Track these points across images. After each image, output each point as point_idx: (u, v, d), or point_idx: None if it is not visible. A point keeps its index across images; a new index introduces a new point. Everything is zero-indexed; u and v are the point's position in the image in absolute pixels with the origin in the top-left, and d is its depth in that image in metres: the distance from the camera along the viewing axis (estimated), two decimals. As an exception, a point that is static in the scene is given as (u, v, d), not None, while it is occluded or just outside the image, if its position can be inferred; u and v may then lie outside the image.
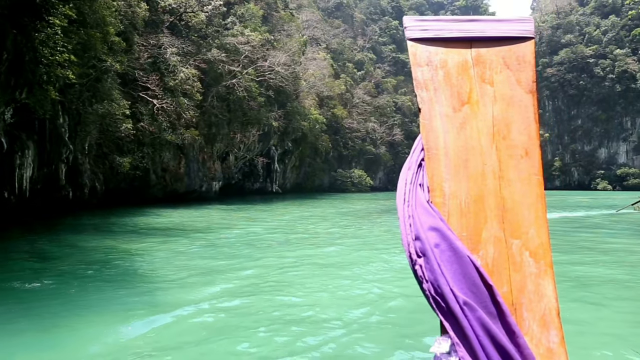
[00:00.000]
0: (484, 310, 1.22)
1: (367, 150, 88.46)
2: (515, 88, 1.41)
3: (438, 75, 1.42)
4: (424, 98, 1.41)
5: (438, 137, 1.38)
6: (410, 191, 1.38)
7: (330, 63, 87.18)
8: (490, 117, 1.39)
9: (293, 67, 50.26)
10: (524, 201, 1.34)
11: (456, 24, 1.46)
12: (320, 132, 70.25)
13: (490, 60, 1.43)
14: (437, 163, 1.37)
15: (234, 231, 17.15)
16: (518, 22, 1.46)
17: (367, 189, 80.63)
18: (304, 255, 11.27)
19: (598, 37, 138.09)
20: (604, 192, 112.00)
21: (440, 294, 1.24)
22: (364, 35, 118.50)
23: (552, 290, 1.29)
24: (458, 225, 1.33)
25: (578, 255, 12.61)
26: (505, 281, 1.29)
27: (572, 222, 23.97)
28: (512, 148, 1.37)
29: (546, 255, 1.32)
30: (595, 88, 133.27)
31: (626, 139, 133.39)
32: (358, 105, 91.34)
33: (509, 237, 1.32)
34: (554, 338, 1.25)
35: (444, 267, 1.25)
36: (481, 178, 1.36)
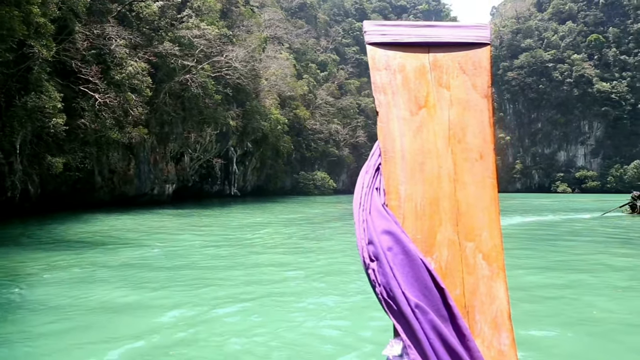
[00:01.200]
0: (436, 313, 1.23)
1: (330, 152, 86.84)
2: (471, 92, 1.43)
3: (396, 79, 1.43)
4: (382, 101, 1.42)
5: (395, 140, 1.39)
6: (367, 195, 1.39)
7: (293, 63, 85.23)
8: (447, 120, 1.41)
9: (253, 64, 47.99)
10: (478, 204, 1.36)
11: (415, 29, 1.46)
12: (282, 133, 68.08)
13: (447, 65, 1.45)
14: (393, 166, 1.38)
15: (169, 243, 14.62)
16: (475, 28, 1.48)
17: (330, 191, 79.02)
18: (243, 282, 8.85)
19: (556, 42, 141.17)
20: (564, 194, 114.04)
21: (393, 297, 1.24)
22: (327, 36, 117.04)
23: (504, 292, 1.31)
24: (413, 228, 1.34)
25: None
26: (458, 284, 1.31)
27: (560, 227, 22.73)
28: (467, 151, 1.39)
29: (499, 258, 1.34)
30: (554, 92, 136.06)
31: (584, 142, 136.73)
32: (321, 106, 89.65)
33: (462, 239, 1.34)
34: (505, 340, 1.27)
35: (397, 270, 1.25)
36: (437, 181, 1.37)
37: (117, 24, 33.06)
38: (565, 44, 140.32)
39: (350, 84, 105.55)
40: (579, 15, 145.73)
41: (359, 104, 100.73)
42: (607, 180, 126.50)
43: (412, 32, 1.46)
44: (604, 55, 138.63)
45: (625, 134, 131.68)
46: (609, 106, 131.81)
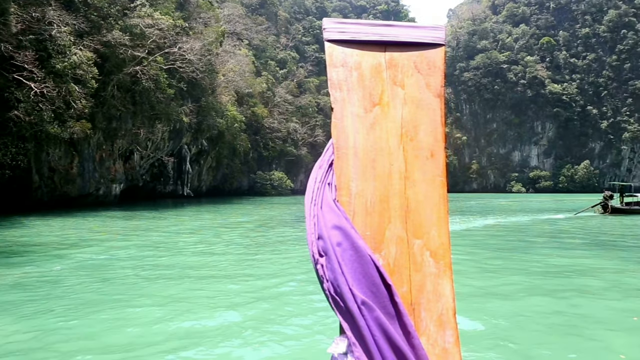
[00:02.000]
0: (383, 310, 1.23)
1: (288, 151, 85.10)
2: (424, 92, 1.46)
3: (352, 77, 1.46)
4: (337, 98, 1.44)
5: (348, 136, 1.42)
6: (319, 190, 1.41)
7: (252, 60, 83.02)
8: (400, 118, 1.43)
9: (209, 58, 45.66)
10: (428, 202, 1.39)
11: (372, 28, 1.49)
12: (239, 131, 65.92)
13: (402, 64, 1.48)
14: (345, 162, 1.40)
15: (86, 255, 12.00)
16: (430, 29, 1.51)
17: (287, 192, 77.29)
18: (152, 321, 6.28)
19: (510, 44, 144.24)
20: (520, 194, 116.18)
21: (339, 293, 1.25)
22: (287, 33, 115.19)
23: (450, 290, 1.33)
24: (362, 225, 1.35)
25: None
26: (405, 281, 1.32)
27: (539, 227, 21.80)
28: (419, 149, 1.42)
29: (446, 256, 1.36)
30: (508, 93, 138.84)
31: (537, 142, 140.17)
32: (279, 104, 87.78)
33: (411, 237, 1.36)
34: (450, 338, 1.29)
35: (345, 266, 1.26)
36: (387, 178, 1.39)
37: (60, 8, 30.24)
38: (519, 46, 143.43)
39: (310, 83, 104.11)
40: (531, 19, 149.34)
41: (318, 102, 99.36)
42: (559, 180, 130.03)
43: (370, 30, 1.48)
44: (555, 57, 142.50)
45: (575, 134, 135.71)
46: (560, 107, 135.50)
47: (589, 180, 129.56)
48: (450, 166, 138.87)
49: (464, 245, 15.23)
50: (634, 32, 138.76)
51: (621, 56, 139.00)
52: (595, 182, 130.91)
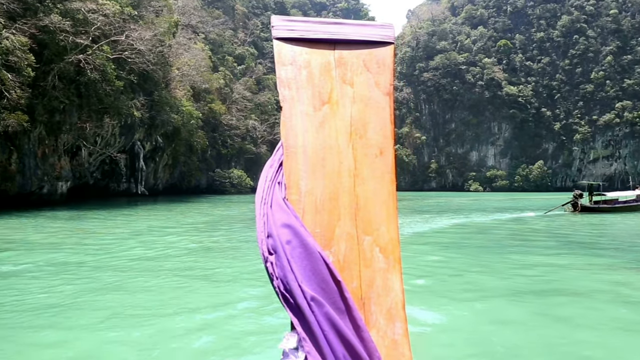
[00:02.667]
0: (332, 306, 1.25)
1: (247, 149, 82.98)
2: (373, 90, 1.46)
3: (301, 75, 1.46)
4: (286, 96, 1.45)
5: (297, 135, 1.42)
6: (269, 188, 1.41)
7: (209, 55, 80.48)
8: (349, 117, 1.44)
9: (161, 49, 43.31)
10: (377, 199, 1.40)
11: (322, 26, 1.50)
12: (196, 128, 63.61)
13: (351, 62, 1.48)
14: (295, 161, 1.40)
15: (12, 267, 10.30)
16: (380, 27, 1.52)
17: (247, 190, 75.25)
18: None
19: (469, 46, 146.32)
20: (477, 193, 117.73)
21: (289, 290, 1.26)
22: (245, 28, 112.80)
23: (399, 284, 1.35)
24: (312, 223, 1.36)
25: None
26: (355, 276, 1.33)
27: (517, 226, 20.95)
28: (368, 147, 1.42)
29: (395, 251, 1.37)
30: (467, 93, 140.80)
31: (494, 142, 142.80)
32: (238, 101, 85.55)
33: (361, 233, 1.37)
34: (399, 330, 1.31)
35: (294, 263, 1.27)
36: (337, 176, 1.40)
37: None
38: (477, 47, 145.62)
39: (269, 79, 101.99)
40: (489, 21, 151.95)
41: (277, 100, 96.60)
42: (515, 179, 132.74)
43: (319, 28, 1.49)
44: (511, 60, 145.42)
45: (530, 135, 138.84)
46: (516, 109, 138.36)
47: (542, 179, 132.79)
48: (410, 165, 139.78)
49: (439, 246, 14.11)
50: (585, 38, 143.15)
51: (573, 60, 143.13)
52: (549, 182, 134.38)
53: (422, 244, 14.91)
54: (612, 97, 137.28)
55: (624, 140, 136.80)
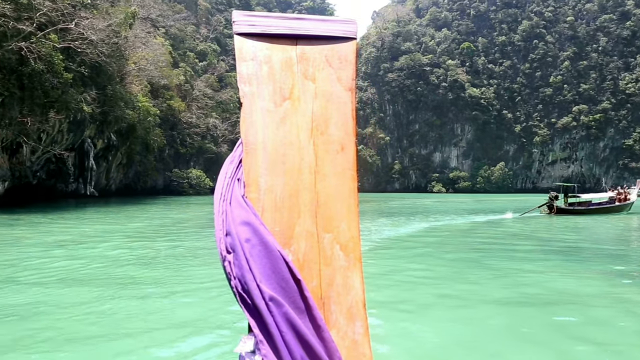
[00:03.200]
0: (292, 306, 1.23)
1: (208, 148, 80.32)
2: (335, 85, 1.46)
3: (262, 71, 1.45)
4: (247, 92, 1.44)
5: (257, 131, 1.40)
6: (228, 185, 1.39)
7: (169, 50, 77.51)
8: (310, 112, 1.43)
9: (116, 41, 40.54)
10: (338, 196, 1.39)
11: (283, 21, 1.49)
12: (153, 126, 60.73)
13: (313, 57, 1.47)
14: (254, 158, 1.39)
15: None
16: (342, 23, 1.52)
17: (206, 191, 72.71)
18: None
19: (433, 48, 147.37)
20: (440, 194, 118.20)
21: (247, 290, 1.24)
22: (208, 24, 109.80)
23: (359, 282, 1.34)
24: (272, 220, 1.34)
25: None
26: (315, 275, 1.32)
27: (500, 229, 19.64)
28: (329, 143, 1.42)
29: (356, 249, 1.36)
30: (430, 95, 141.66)
31: (457, 144, 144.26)
32: (198, 98, 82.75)
33: (321, 231, 1.36)
34: (359, 329, 1.30)
35: (253, 262, 1.25)
36: (297, 173, 1.39)
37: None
38: (441, 49, 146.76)
39: (231, 77, 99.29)
40: (453, 24, 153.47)
41: (239, 97, 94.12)
42: (477, 180, 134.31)
43: (281, 24, 1.48)
44: (474, 62, 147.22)
45: (492, 137, 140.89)
46: (478, 111, 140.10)
47: (504, 181, 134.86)
48: (373, 166, 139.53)
49: (416, 252, 12.59)
50: (544, 43, 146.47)
51: (533, 64, 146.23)
52: (510, 183, 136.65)
53: (398, 249, 13.41)
54: (570, 101, 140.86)
55: (580, 143, 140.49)
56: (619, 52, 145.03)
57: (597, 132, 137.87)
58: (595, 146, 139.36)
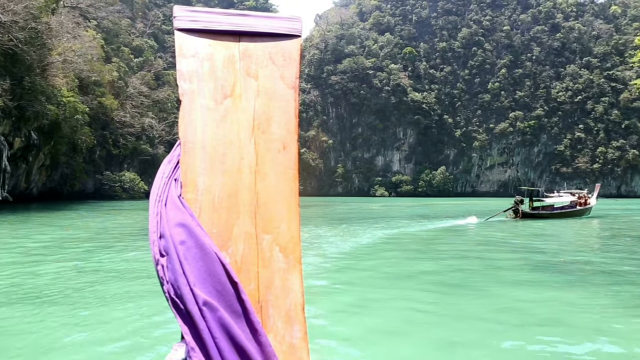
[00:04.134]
0: (228, 310, 1.19)
1: (143, 150, 75.59)
2: (278, 83, 1.43)
3: (203, 68, 1.41)
4: (186, 90, 1.40)
5: (196, 130, 1.37)
6: (165, 185, 1.36)
7: (101, 44, 72.23)
8: (252, 111, 1.41)
9: (35, 26, 36.15)
10: (278, 195, 1.36)
11: (226, 18, 1.46)
12: (82, 124, 55.80)
13: (257, 55, 1.45)
14: (192, 157, 1.36)
15: None
16: (287, 20, 1.49)
17: (141, 195, 68.18)
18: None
19: (376, 51, 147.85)
20: (384, 198, 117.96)
21: (180, 295, 1.19)
22: (145, 19, 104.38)
23: (299, 285, 1.31)
24: (209, 222, 1.31)
25: None
26: (253, 278, 1.29)
27: (467, 235, 17.63)
28: (271, 142, 1.39)
29: (295, 250, 1.33)
30: (374, 98, 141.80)
31: (399, 147, 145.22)
32: (133, 96, 77.77)
33: (260, 232, 1.33)
34: (297, 333, 1.27)
35: (188, 265, 1.21)
36: (237, 172, 1.36)
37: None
38: (384, 53, 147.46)
39: (170, 75, 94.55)
40: (395, 29, 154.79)
41: (178, 97, 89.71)
42: (419, 184, 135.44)
43: (224, 20, 1.44)
44: (416, 67, 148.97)
45: (433, 141, 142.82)
46: (420, 115, 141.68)
47: (445, 185, 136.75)
48: (316, 170, 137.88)
49: (388, 271, 10.29)
50: (483, 51, 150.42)
51: (472, 71, 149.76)
52: (450, 187, 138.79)
53: (365, 269, 11.13)
54: (507, 107, 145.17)
55: (516, 148, 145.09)
56: (550, 62, 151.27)
57: (532, 137, 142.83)
58: (530, 151, 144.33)
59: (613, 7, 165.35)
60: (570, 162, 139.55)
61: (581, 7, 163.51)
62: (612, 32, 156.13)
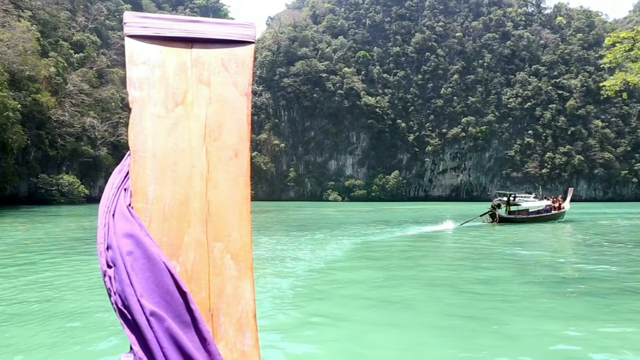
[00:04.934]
0: (177, 320, 1.20)
1: (83, 151, 70.61)
2: (231, 90, 1.42)
3: (154, 75, 1.40)
4: (137, 97, 1.38)
5: (147, 138, 1.36)
6: (114, 196, 1.34)
7: (37, 36, 66.95)
8: (204, 118, 1.39)
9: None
10: (230, 203, 1.36)
11: (178, 24, 1.44)
12: (13, 122, 50.91)
13: (209, 61, 1.43)
14: (142, 166, 1.34)
15: None
16: (240, 26, 1.47)
17: (81, 199, 63.47)
18: None
19: (329, 54, 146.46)
20: (337, 202, 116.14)
21: (127, 305, 1.19)
22: (87, 13, 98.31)
23: (250, 292, 1.31)
24: (159, 231, 1.30)
25: None
26: (204, 286, 1.29)
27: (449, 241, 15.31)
28: (223, 149, 1.38)
29: (247, 257, 1.34)
30: (327, 102, 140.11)
31: (352, 152, 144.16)
32: (73, 94, 72.62)
33: (211, 240, 1.32)
34: (249, 341, 1.27)
35: (135, 276, 1.21)
36: (188, 181, 1.35)
37: None
38: (337, 57, 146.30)
39: (114, 73, 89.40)
40: (349, 32, 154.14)
41: (123, 97, 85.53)
42: (372, 189, 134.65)
43: (176, 26, 1.43)
44: (370, 71, 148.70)
45: (386, 146, 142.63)
46: (373, 119, 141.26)
47: (398, 189, 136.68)
48: (268, 174, 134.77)
49: (375, 296, 7.78)
50: (435, 56, 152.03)
51: (425, 76, 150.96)
52: (404, 192, 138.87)
53: (341, 298, 8.65)
54: (459, 113, 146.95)
55: (468, 153, 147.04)
56: (501, 69, 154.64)
57: (484, 142, 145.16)
58: (482, 156, 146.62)
59: (559, 18, 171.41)
60: (520, 167, 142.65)
61: (529, 17, 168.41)
62: (558, 41, 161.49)
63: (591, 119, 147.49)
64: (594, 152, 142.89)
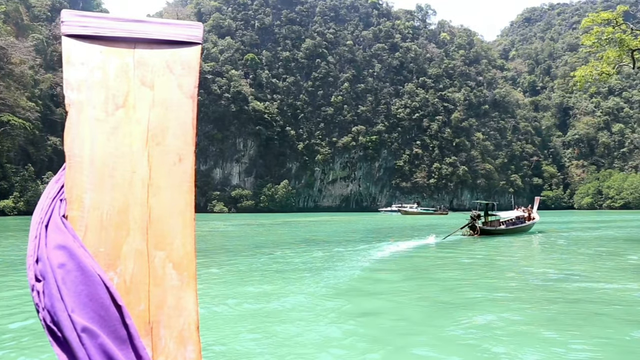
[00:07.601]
0: (112, 335, 1.13)
1: None
2: (175, 92, 1.37)
3: (93, 77, 1.33)
4: (74, 100, 1.30)
5: (84, 143, 1.29)
6: (49, 206, 1.26)
7: None
8: (146, 121, 1.33)
9: None
10: (173, 210, 1.31)
11: (120, 23, 1.38)
12: None
13: (153, 63, 1.38)
14: (78, 172, 1.27)
15: None
16: (186, 26, 1.43)
17: None
18: None
19: (215, 55, 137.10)
20: (222, 214, 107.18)
21: (57, 322, 1.12)
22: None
23: (193, 302, 1.26)
24: (96, 241, 1.24)
25: None
26: (143, 298, 1.23)
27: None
28: (166, 154, 1.33)
29: (190, 266, 1.28)
30: (212, 105, 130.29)
31: (239, 160, 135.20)
32: None
33: (152, 249, 1.27)
34: (190, 354, 1.22)
35: (66, 290, 1.13)
36: (128, 187, 1.29)
37: None
38: (224, 58, 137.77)
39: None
40: (237, 34, 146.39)
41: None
42: (261, 199, 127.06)
43: (117, 26, 1.36)
44: (258, 75, 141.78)
45: (275, 154, 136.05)
46: (262, 126, 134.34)
47: (287, 199, 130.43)
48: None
49: None
50: (326, 63, 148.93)
51: (315, 83, 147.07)
52: (293, 202, 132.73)
53: None
54: (349, 121, 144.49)
55: (359, 163, 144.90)
56: (390, 79, 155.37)
57: (373, 152, 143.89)
58: (372, 166, 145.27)
59: (443, 34, 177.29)
60: (409, 177, 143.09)
61: (416, 31, 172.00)
62: (442, 56, 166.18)
63: (473, 132, 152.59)
64: (476, 163, 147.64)
